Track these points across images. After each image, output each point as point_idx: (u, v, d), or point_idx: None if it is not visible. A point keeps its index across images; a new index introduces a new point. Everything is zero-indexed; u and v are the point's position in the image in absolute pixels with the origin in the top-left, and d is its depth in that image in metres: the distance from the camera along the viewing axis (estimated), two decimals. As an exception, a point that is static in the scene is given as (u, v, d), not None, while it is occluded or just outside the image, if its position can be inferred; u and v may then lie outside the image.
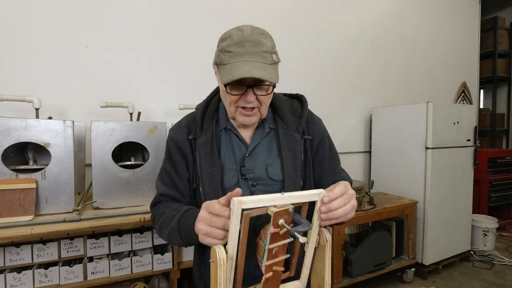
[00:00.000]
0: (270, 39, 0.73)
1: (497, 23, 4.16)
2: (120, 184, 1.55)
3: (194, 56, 2.24)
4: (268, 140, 0.83)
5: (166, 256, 1.58)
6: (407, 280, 2.47)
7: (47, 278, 1.37)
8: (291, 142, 0.81)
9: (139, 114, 1.81)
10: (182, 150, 0.81)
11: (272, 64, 0.71)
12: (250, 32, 0.70)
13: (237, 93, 0.72)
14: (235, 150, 0.81)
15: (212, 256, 0.58)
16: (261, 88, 0.73)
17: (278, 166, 0.80)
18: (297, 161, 0.80)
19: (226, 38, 0.72)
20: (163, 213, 0.78)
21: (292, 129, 0.82)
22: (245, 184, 0.78)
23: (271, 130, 0.84)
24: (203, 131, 0.80)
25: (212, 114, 0.83)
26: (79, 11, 1.90)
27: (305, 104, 0.87)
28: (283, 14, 2.59)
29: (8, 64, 1.76)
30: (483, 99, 4.79)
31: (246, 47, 0.68)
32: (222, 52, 0.71)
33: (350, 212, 0.65)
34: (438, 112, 2.50)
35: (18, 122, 1.35)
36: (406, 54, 3.35)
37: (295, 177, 0.79)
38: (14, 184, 1.33)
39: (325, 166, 0.86)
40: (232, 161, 0.80)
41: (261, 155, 0.81)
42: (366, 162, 3.12)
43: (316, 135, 0.86)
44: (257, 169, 0.79)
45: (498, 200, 3.48)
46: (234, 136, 0.82)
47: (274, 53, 0.73)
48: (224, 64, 0.70)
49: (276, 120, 0.84)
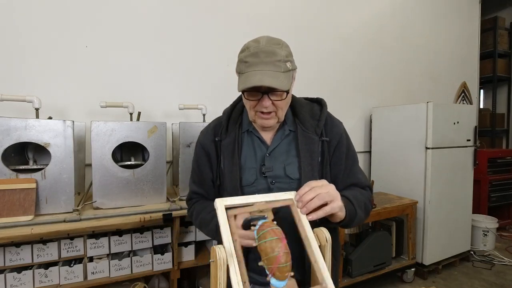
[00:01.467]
0: (285, 48, 0.80)
1: (497, 23, 4.16)
2: (120, 184, 1.55)
3: (194, 56, 2.24)
4: (288, 142, 0.89)
5: (166, 256, 1.58)
6: (407, 280, 2.47)
7: (47, 278, 1.37)
8: (309, 143, 0.87)
9: (139, 114, 1.81)
10: (207, 152, 0.92)
11: (285, 72, 0.77)
12: (265, 43, 0.77)
13: (254, 99, 0.80)
14: (256, 150, 0.89)
15: (212, 256, 0.58)
16: (276, 94, 0.79)
17: (296, 165, 0.85)
18: (314, 161, 0.85)
19: (244, 49, 0.80)
20: (200, 214, 0.91)
21: (311, 131, 0.88)
22: (264, 181, 0.85)
23: (291, 132, 0.90)
24: (227, 133, 0.90)
25: (236, 117, 0.92)
26: (79, 11, 1.90)
27: (324, 107, 0.94)
28: (283, 14, 2.59)
29: (8, 64, 1.76)
30: (483, 99, 4.79)
31: (261, 57, 0.75)
32: (241, 62, 0.80)
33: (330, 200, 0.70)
34: (438, 112, 2.49)
35: (18, 122, 1.35)
36: (406, 54, 3.35)
37: (311, 176, 0.83)
38: (14, 184, 1.33)
39: (341, 167, 0.90)
40: (252, 161, 0.88)
41: (280, 155, 0.87)
42: (366, 162, 3.12)
43: (334, 137, 0.90)
44: (276, 168, 0.85)
45: (498, 200, 3.47)
46: (256, 138, 0.90)
47: (289, 61, 0.79)
48: (242, 73, 0.78)
49: (296, 123, 0.90)
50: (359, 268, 2.18)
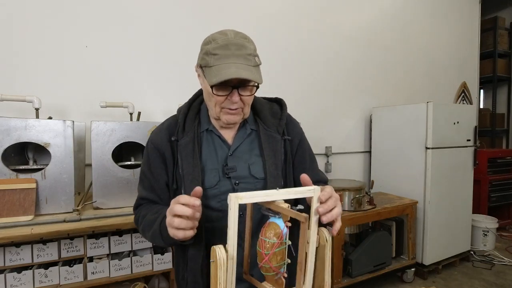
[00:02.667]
0: (252, 43, 0.77)
1: (497, 23, 4.16)
2: (120, 184, 1.55)
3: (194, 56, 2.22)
4: (250, 141, 0.86)
5: (166, 256, 1.58)
6: (407, 280, 2.47)
7: (47, 278, 1.37)
8: (272, 142, 0.84)
9: (139, 114, 1.81)
10: (161, 152, 0.83)
11: (255, 66, 0.74)
12: (233, 36, 0.74)
13: (223, 94, 0.75)
14: (217, 151, 0.84)
15: (212, 256, 0.58)
16: (246, 89, 0.76)
17: (260, 165, 0.83)
18: (278, 160, 0.83)
19: (210, 41, 0.75)
20: (145, 216, 0.81)
21: (273, 130, 0.86)
22: (228, 182, 0.81)
23: (253, 131, 0.87)
24: (185, 132, 0.83)
25: (194, 116, 0.86)
26: (79, 12, 1.90)
27: (284, 107, 0.91)
28: (283, 13, 2.59)
29: (9, 64, 1.76)
30: (483, 99, 4.79)
31: (231, 49, 0.72)
32: (207, 54, 0.74)
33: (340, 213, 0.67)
34: (438, 112, 2.50)
35: (18, 122, 1.35)
36: (406, 54, 3.35)
37: (276, 175, 0.81)
38: (14, 184, 1.33)
39: (305, 165, 0.89)
40: (214, 161, 0.82)
41: (243, 155, 0.84)
42: (366, 162, 3.12)
43: (296, 136, 0.90)
44: (240, 168, 0.82)
45: (498, 200, 3.48)
46: (216, 137, 0.85)
47: (256, 56, 0.76)
48: (210, 66, 0.73)
49: (257, 121, 0.87)
50: (359, 268, 2.18)
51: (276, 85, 2.46)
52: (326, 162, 2.81)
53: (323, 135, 2.81)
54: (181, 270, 0.87)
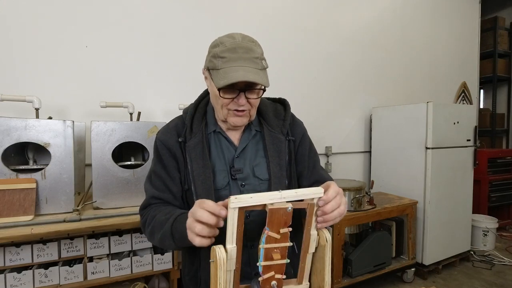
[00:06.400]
0: (259, 47, 0.78)
1: (497, 23, 4.16)
2: (120, 184, 1.55)
3: (194, 56, 2.24)
4: (255, 142, 0.87)
5: (166, 256, 1.58)
6: (407, 280, 2.47)
7: (47, 278, 1.37)
8: (276, 143, 0.85)
9: (139, 114, 1.81)
10: (173, 152, 0.83)
11: (262, 70, 0.75)
12: (241, 39, 0.74)
13: (230, 97, 0.76)
14: (224, 152, 0.84)
15: (212, 256, 0.58)
16: (253, 91, 0.76)
17: (264, 166, 0.84)
18: (282, 161, 0.84)
19: (218, 44, 0.75)
20: (155, 217, 0.77)
21: (277, 131, 0.87)
22: (235, 184, 0.82)
23: (257, 132, 0.88)
24: (192, 134, 0.83)
25: (200, 117, 0.86)
26: (79, 12, 1.90)
27: (287, 107, 0.92)
28: (283, 14, 2.59)
29: (9, 64, 1.76)
30: (483, 99, 4.79)
31: (239, 53, 0.72)
32: (215, 57, 0.74)
33: (343, 213, 0.68)
34: (438, 112, 2.49)
35: (18, 122, 1.35)
36: (406, 54, 3.35)
37: (280, 176, 0.82)
38: (14, 184, 1.33)
39: (304, 164, 0.90)
40: (222, 163, 0.83)
41: (249, 156, 0.85)
42: (366, 162, 3.12)
43: (298, 135, 0.90)
44: (245, 169, 0.83)
45: (498, 200, 3.47)
46: (223, 139, 0.85)
47: (264, 59, 0.77)
48: (218, 69, 0.73)
49: (262, 123, 0.88)
50: (359, 268, 2.18)
51: (276, 85, 2.44)
52: (326, 162, 2.81)
53: (323, 135, 2.81)
54: (192, 269, 0.85)
